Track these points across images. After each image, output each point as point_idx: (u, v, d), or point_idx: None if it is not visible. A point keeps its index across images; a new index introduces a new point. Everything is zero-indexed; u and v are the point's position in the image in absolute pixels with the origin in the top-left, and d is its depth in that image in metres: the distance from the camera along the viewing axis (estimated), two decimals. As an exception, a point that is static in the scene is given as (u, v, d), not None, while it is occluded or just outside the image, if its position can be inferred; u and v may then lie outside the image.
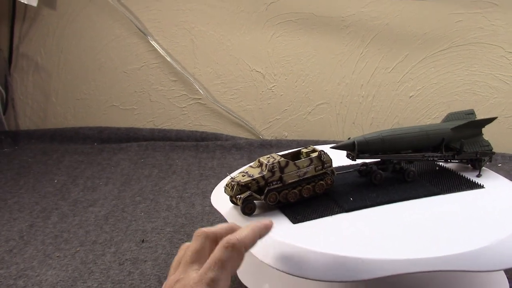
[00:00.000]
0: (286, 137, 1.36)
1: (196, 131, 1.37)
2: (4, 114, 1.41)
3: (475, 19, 1.20)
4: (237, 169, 1.20)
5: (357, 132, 1.32)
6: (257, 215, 0.67)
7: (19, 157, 1.29)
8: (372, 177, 0.75)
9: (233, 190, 0.65)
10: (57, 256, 0.84)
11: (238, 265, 0.48)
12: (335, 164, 0.73)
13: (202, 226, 0.93)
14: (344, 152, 0.74)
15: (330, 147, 0.73)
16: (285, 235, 0.61)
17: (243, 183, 0.65)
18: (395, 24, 1.23)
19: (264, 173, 0.66)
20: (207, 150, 1.30)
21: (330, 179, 0.71)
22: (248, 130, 1.37)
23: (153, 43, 1.32)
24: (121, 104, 1.40)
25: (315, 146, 0.74)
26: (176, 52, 1.33)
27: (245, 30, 1.29)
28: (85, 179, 1.15)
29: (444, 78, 1.25)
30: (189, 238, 0.88)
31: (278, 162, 0.66)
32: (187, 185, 1.11)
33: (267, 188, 0.65)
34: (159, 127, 1.40)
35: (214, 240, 0.51)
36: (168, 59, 1.32)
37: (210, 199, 0.98)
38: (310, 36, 1.27)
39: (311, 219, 0.65)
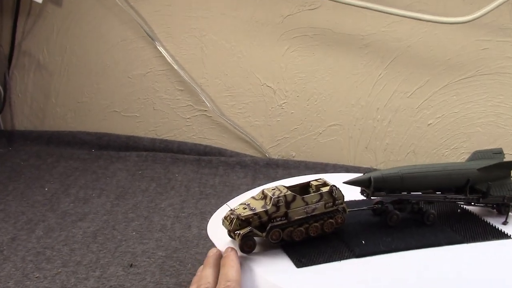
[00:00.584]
0: (293, 157, 1.28)
1: (200, 145, 1.30)
2: (0, 112, 1.35)
3: (503, 48, 1.13)
4: (239, 188, 1.13)
5: (370, 157, 1.24)
6: (256, 253, 0.60)
7: (12, 159, 1.22)
8: (388, 218, 0.68)
9: (231, 225, 0.59)
10: (36, 277, 0.77)
11: None
12: (346, 198, 0.66)
13: (197, 253, 0.86)
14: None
15: (343, 182, 0.66)
16: (288, 282, 0.54)
17: (243, 217, 0.59)
18: (417, 47, 1.16)
19: (268, 207, 0.59)
20: (209, 165, 1.23)
21: (341, 217, 0.64)
22: (254, 147, 1.30)
23: (160, 49, 1.26)
24: (123, 110, 1.33)
25: (326, 179, 0.67)
26: (184, 60, 1.27)
27: (258, 42, 1.23)
28: (77, 189, 1.08)
29: (466, 108, 1.17)
30: (181, 265, 0.82)
31: (285, 196, 0.60)
32: (184, 204, 1.04)
33: (270, 225, 0.59)
34: (161, 137, 1.33)
35: None
36: (175, 67, 1.26)
37: (207, 221, 0.91)
38: (327, 53, 1.20)
39: (317, 263, 0.58)
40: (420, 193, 0.68)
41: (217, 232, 0.66)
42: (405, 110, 1.20)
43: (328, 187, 0.64)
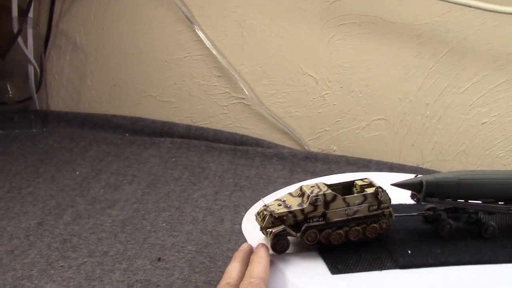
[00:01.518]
0: (334, 151, 1.22)
1: (236, 134, 1.25)
2: (36, 92, 1.33)
3: None
4: (276, 182, 1.08)
5: (416, 156, 1.16)
6: (289, 254, 0.55)
7: (45, 141, 1.20)
8: (440, 227, 0.61)
9: (264, 221, 0.55)
10: (61, 266, 0.74)
11: None
12: (393, 200, 0.60)
13: (229, 249, 0.81)
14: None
15: (391, 184, 0.60)
16: None
17: (277, 215, 0.54)
18: (474, 39, 1.07)
19: (305, 206, 0.54)
20: (245, 156, 1.18)
21: (386, 223, 0.58)
22: (293, 139, 1.24)
23: (199, 33, 1.21)
24: (159, 95, 1.29)
25: (372, 179, 0.61)
26: (224, 45, 1.21)
27: (302, 29, 1.16)
28: (108, 175, 1.05)
29: (525, 107, 1.08)
30: (211, 262, 0.77)
31: (324, 194, 0.55)
32: (218, 195, 0.99)
33: (305, 225, 0.54)
34: (196, 124, 1.28)
35: None
36: (214, 52, 1.21)
37: (241, 215, 0.86)
38: (375, 42, 1.13)
39: (355, 271, 0.53)
40: (480, 202, 0.61)
41: (252, 228, 0.61)
42: (457, 107, 1.12)
43: (373, 188, 0.58)
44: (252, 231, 0.62)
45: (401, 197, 0.63)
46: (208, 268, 0.75)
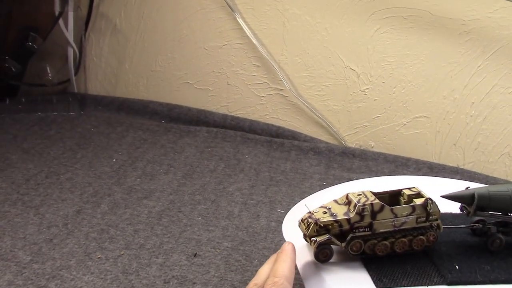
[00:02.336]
0: (372, 147, 1.19)
1: (272, 125, 1.23)
2: (75, 75, 1.33)
3: None
4: (312, 177, 1.06)
5: (457, 156, 1.13)
6: (332, 263, 0.54)
7: (83, 125, 1.21)
8: (489, 242, 0.59)
9: (308, 229, 0.53)
10: (98, 258, 0.74)
11: None
12: (441, 209, 0.58)
13: (265, 247, 0.80)
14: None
15: (441, 196, 0.58)
16: None
17: (322, 223, 0.53)
18: (528, 37, 1.02)
19: (351, 215, 0.53)
20: (281, 148, 1.16)
21: (434, 235, 0.57)
22: (330, 133, 1.21)
23: (240, 21, 1.18)
24: (196, 82, 1.28)
25: (421, 189, 0.59)
26: (264, 34, 1.19)
27: (346, 20, 1.13)
28: (145, 163, 1.05)
29: None
30: (247, 260, 0.76)
31: (371, 204, 0.53)
32: (253, 189, 0.98)
33: (351, 235, 0.53)
34: (232, 113, 1.27)
35: None
36: (254, 41, 1.19)
37: (277, 211, 0.85)
38: (421, 37, 1.09)
39: (401, 286, 0.51)
40: (533, 217, 0.58)
41: (292, 232, 0.60)
42: (504, 107, 1.08)
43: (422, 200, 0.56)
44: (292, 234, 0.60)
45: (448, 205, 0.61)
46: (244, 267, 0.75)
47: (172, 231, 0.82)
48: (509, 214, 0.59)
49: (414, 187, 0.59)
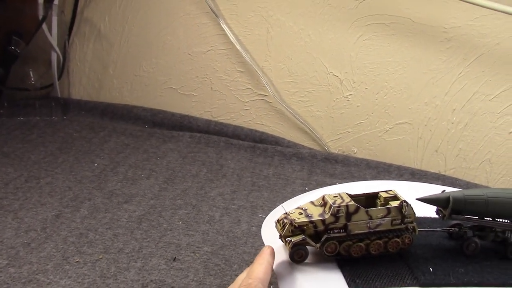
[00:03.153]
0: (355, 153, 1.20)
1: (256, 131, 1.23)
2: (58, 79, 1.33)
3: None
4: (294, 183, 1.06)
5: (439, 162, 1.14)
6: (308, 263, 0.54)
7: (65, 129, 1.20)
8: (465, 245, 0.59)
9: (284, 229, 0.54)
10: (76, 262, 0.73)
11: None
12: (418, 213, 0.58)
13: (245, 252, 0.80)
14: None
15: (416, 199, 0.58)
16: None
17: (297, 224, 0.53)
18: (508, 45, 1.04)
19: (326, 216, 0.53)
20: (264, 154, 1.16)
21: (409, 238, 0.57)
22: (313, 139, 1.22)
23: (224, 26, 1.19)
24: (180, 88, 1.28)
25: (398, 192, 0.59)
26: (248, 40, 1.20)
27: (329, 27, 1.14)
28: (127, 168, 1.04)
29: (556, 118, 1.05)
30: (227, 264, 0.76)
31: (346, 206, 0.54)
32: (235, 194, 0.98)
33: (325, 236, 0.53)
34: (216, 119, 1.27)
35: None
36: (238, 47, 1.19)
37: (258, 216, 0.85)
38: (403, 44, 1.10)
39: (374, 287, 0.51)
40: (507, 221, 0.59)
41: (271, 233, 0.60)
42: (484, 114, 1.09)
43: (398, 202, 0.56)
44: (271, 236, 0.60)
45: (426, 209, 0.61)
46: (224, 271, 0.74)
47: (152, 236, 0.82)
48: (484, 218, 0.59)
49: (391, 190, 0.59)
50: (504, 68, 1.05)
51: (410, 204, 0.57)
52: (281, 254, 0.57)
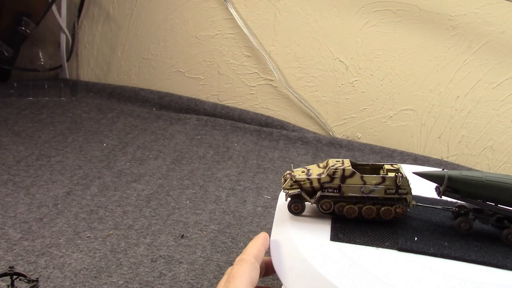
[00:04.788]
0: (359, 139, 1.21)
1: (262, 115, 1.25)
2: (67, 61, 1.34)
3: None
4: (299, 166, 1.08)
5: (441, 148, 1.15)
6: (304, 216, 0.59)
7: (74, 110, 1.22)
8: (457, 223, 0.60)
9: (284, 183, 0.59)
10: (87, 237, 0.76)
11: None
12: (426, 194, 0.60)
13: (250, 231, 0.83)
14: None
15: (413, 172, 0.60)
16: (305, 249, 0.53)
17: (296, 179, 0.59)
18: (512, 33, 1.05)
19: (322, 176, 0.58)
20: (270, 137, 1.18)
21: (401, 208, 0.59)
22: (318, 124, 1.23)
23: (232, 10, 1.20)
24: (187, 71, 1.29)
25: (402, 168, 0.61)
26: (255, 25, 1.21)
27: (336, 13, 1.15)
28: (135, 148, 1.06)
29: (559, 106, 1.06)
30: (233, 242, 0.78)
31: (343, 169, 0.57)
32: (241, 176, 1.00)
33: (319, 193, 0.57)
34: (222, 102, 1.29)
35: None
36: (245, 31, 1.20)
37: (263, 197, 0.87)
38: (409, 31, 1.11)
39: (353, 243, 0.54)
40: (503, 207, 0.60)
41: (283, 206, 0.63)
42: (488, 102, 1.10)
43: (394, 174, 0.59)
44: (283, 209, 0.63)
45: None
46: (230, 249, 0.77)
47: (160, 214, 0.84)
48: (483, 201, 0.60)
49: (396, 164, 0.61)
50: (508, 57, 1.06)
51: (406, 177, 0.58)
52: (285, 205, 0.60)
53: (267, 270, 0.57)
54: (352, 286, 0.48)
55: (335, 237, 0.55)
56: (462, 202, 0.61)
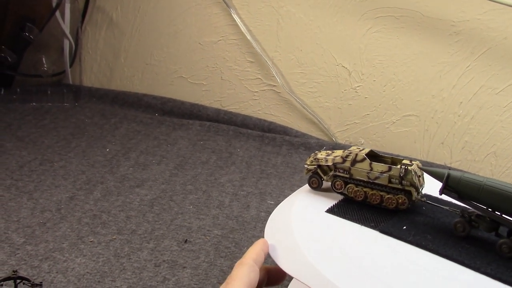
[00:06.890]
0: (362, 144, 1.21)
1: (265, 121, 1.25)
2: (70, 67, 1.35)
3: None
4: (302, 171, 1.08)
5: (444, 154, 1.15)
6: (320, 191, 0.64)
7: (77, 115, 1.22)
8: (453, 224, 0.60)
9: (307, 160, 0.67)
10: (91, 241, 0.75)
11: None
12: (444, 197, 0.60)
13: (254, 236, 0.82)
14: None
15: (418, 166, 0.62)
16: (298, 216, 0.58)
17: (316, 157, 0.65)
18: (515, 39, 1.05)
19: (337, 158, 0.64)
20: (273, 143, 1.18)
21: (403, 199, 0.61)
22: (321, 130, 1.23)
23: (235, 17, 1.20)
24: (190, 77, 1.30)
25: (419, 166, 0.63)
26: (258, 31, 1.21)
27: (338, 19, 1.15)
28: (138, 153, 1.06)
29: (562, 112, 1.06)
30: (237, 247, 0.78)
31: (356, 154, 0.62)
32: (244, 181, 1.00)
33: (332, 172, 0.64)
34: (225, 108, 1.29)
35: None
36: (248, 37, 1.20)
37: (267, 202, 0.87)
38: (412, 37, 1.11)
39: (343, 218, 0.59)
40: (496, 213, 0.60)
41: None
42: (491, 108, 1.10)
43: (399, 166, 0.61)
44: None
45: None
46: (234, 254, 0.76)
47: (163, 218, 0.84)
48: (481, 206, 0.60)
49: (417, 161, 0.63)
50: (511, 63, 1.06)
51: (411, 171, 0.60)
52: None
53: (270, 278, 0.57)
54: (315, 250, 0.52)
55: (330, 211, 0.59)
56: (474, 210, 0.61)
